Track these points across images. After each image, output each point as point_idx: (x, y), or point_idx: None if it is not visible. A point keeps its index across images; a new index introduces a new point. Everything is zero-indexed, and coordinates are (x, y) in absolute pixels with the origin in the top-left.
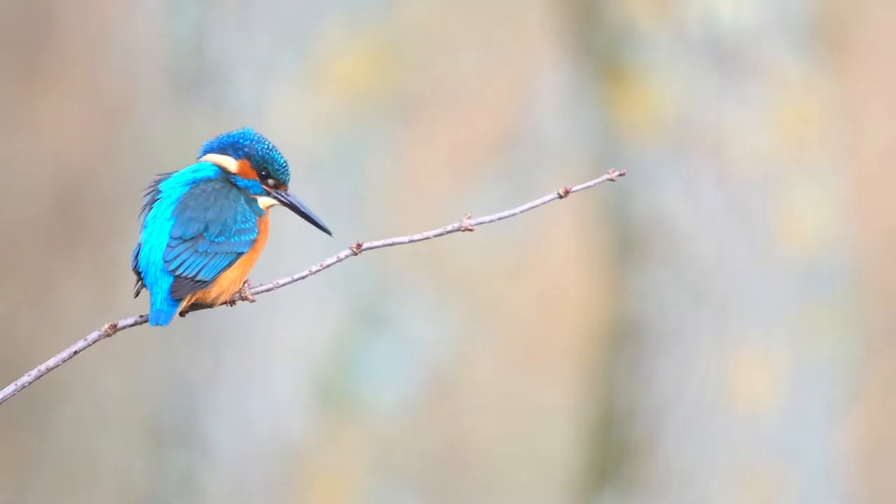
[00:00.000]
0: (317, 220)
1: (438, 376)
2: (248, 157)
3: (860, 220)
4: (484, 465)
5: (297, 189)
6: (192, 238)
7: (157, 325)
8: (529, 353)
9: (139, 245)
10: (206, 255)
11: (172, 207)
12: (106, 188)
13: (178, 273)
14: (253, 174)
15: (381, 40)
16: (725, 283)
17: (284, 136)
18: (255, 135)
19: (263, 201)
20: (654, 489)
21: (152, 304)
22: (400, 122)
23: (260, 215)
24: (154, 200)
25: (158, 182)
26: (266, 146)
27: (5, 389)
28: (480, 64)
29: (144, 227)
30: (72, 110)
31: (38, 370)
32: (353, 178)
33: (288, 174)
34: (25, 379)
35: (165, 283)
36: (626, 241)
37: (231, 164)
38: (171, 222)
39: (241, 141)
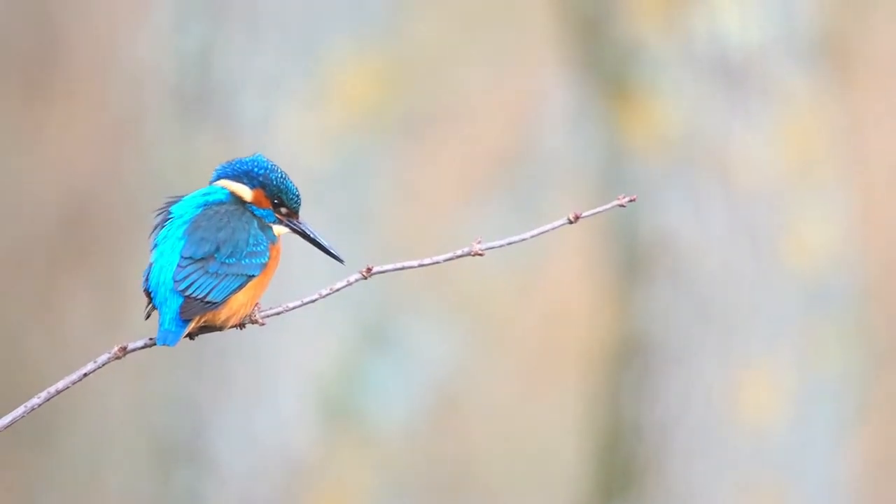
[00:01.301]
0: (329, 248)
1: (445, 394)
2: (262, 186)
3: (866, 237)
4: (491, 482)
5: (303, 207)
6: (202, 258)
7: (164, 345)
8: (535, 371)
9: (150, 265)
10: (217, 277)
11: (184, 227)
12: (112, 206)
13: (187, 293)
14: (267, 203)
15: (388, 58)
16: (731, 301)
17: (290, 153)
18: (267, 162)
19: (276, 229)
20: None
21: (160, 324)
22: (406, 140)
23: (272, 241)
24: (166, 220)
25: (169, 205)
26: (280, 175)
27: (14, 412)
28: (487, 81)
29: (155, 246)
30: (78, 128)
31: (48, 392)
32: (360, 196)
33: (300, 203)
34: (35, 401)
35: (174, 303)
36: (632, 259)
37: (246, 192)
38: (183, 242)
39: (256, 170)
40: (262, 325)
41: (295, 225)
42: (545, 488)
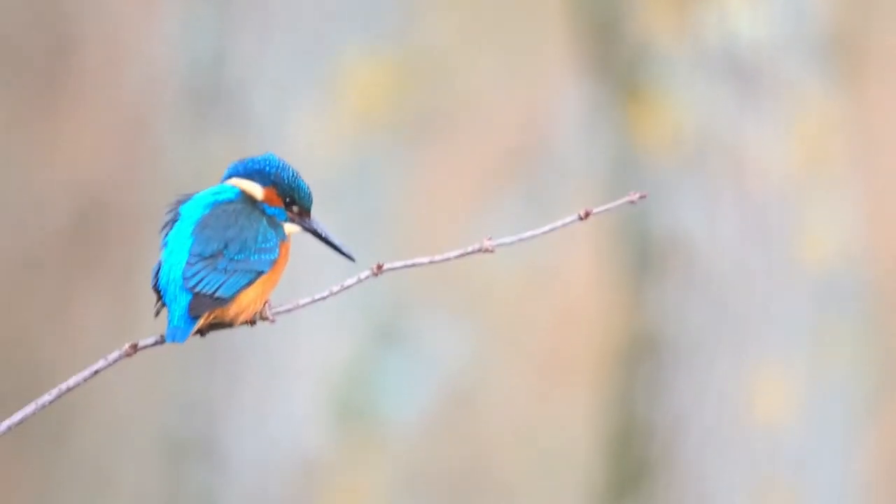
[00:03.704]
0: (340, 246)
1: (457, 392)
2: (274, 184)
3: (878, 235)
4: (503, 480)
5: (315, 207)
6: (211, 255)
7: (173, 341)
8: (548, 369)
9: (159, 263)
10: (226, 273)
11: (192, 227)
12: (124, 207)
13: (196, 290)
14: (279, 201)
15: (399, 59)
16: (744, 299)
17: (302, 154)
18: (279, 161)
19: (287, 228)
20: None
21: (170, 321)
22: (418, 141)
23: (282, 239)
24: (175, 220)
25: (179, 204)
26: (291, 174)
27: (25, 408)
28: (498, 83)
29: (165, 245)
30: (90, 129)
31: (59, 389)
32: (371, 196)
33: (312, 201)
34: (46, 398)
35: (184, 300)
36: (644, 258)
37: (258, 191)
38: (191, 241)
39: (267, 168)
40: (273, 322)
41: (306, 223)
42: (558, 485)
